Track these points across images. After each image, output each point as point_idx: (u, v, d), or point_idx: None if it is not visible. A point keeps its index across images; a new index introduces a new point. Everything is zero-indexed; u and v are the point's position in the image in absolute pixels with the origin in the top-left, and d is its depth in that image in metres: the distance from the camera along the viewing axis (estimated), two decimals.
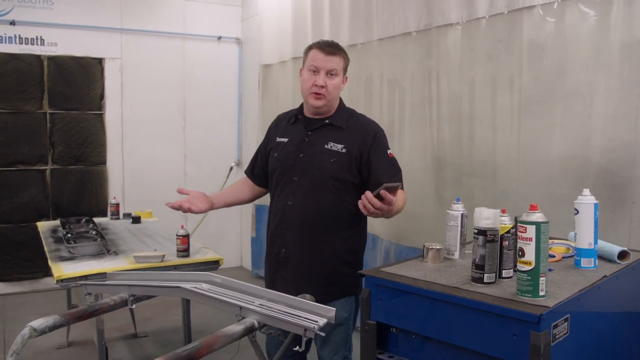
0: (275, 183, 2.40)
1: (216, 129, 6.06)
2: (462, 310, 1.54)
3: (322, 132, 2.31)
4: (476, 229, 1.63)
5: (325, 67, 2.23)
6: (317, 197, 2.26)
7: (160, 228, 3.83)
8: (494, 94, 3.13)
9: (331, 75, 2.23)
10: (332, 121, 2.31)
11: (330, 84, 2.23)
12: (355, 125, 2.32)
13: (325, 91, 2.23)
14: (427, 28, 3.55)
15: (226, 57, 6.05)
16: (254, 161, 2.58)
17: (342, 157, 2.25)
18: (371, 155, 2.26)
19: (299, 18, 4.96)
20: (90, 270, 2.72)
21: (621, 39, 2.53)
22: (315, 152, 2.28)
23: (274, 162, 2.39)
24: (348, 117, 2.35)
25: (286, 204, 2.32)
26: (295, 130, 2.37)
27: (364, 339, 1.78)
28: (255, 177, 2.57)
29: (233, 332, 1.79)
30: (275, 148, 2.41)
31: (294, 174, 2.31)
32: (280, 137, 2.41)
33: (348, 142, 2.27)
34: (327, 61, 2.23)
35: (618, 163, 2.56)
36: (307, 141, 2.31)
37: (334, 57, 2.25)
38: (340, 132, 2.30)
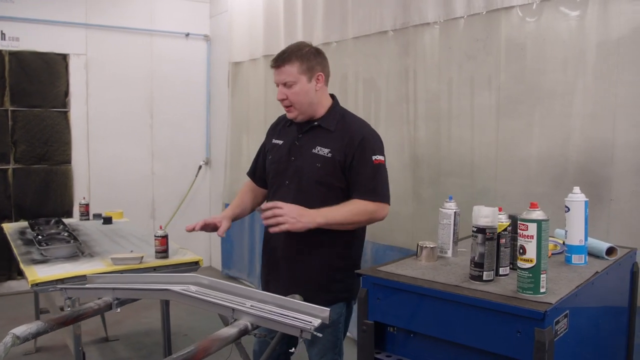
0: (270, 185, 2.41)
1: (184, 127, 5.95)
2: (463, 308, 1.55)
3: (311, 136, 2.29)
4: (475, 227, 1.64)
5: (279, 80, 2.24)
6: (305, 202, 2.21)
7: (133, 229, 3.73)
8: (472, 93, 3.17)
9: (288, 86, 2.21)
10: (321, 123, 2.29)
11: (290, 93, 2.21)
12: (343, 129, 2.28)
13: (289, 102, 2.23)
14: (404, 27, 3.56)
15: (194, 54, 5.95)
16: (255, 162, 2.56)
17: (328, 161, 2.23)
18: (354, 161, 2.22)
19: (270, 15, 4.92)
20: (66, 274, 2.63)
21: (598, 39, 2.59)
22: (304, 156, 2.27)
23: (270, 164, 2.40)
24: (339, 120, 2.31)
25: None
26: (290, 133, 2.36)
27: (361, 339, 1.76)
28: (257, 179, 2.55)
29: (228, 334, 1.76)
30: (271, 150, 2.41)
31: (285, 178, 2.31)
32: (276, 139, 2.41)
33: (334, 146, 2.24)
34: (277, 74, 2.24)
35: (596, 162, 2.62)
36: (297, 144, 2.30)
37: (282, 68, 2.22)
38: (328, 135, 2.27)
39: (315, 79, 2.25)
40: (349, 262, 2.35)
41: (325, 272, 2.29)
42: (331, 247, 2.29)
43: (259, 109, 5.15)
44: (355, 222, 2.23)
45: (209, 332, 4.45)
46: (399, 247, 3.72)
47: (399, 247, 3.71)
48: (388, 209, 2.30)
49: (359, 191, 2.21)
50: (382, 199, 2.26)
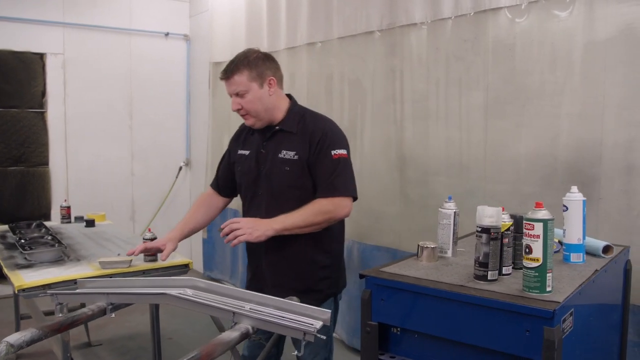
0: (243, 197, 2.41)
1: (164, 127, 5.88)
2: (470, 308, 1.55)
3: (276, 141, 2.30)
4: (479, 227, 1.65)
5: (230, 92, 2.27)
6: (279, 207, 2.22)
7: (117, 231, 3.67)
8: (460, 94, 3.19)
9: (240, 95, 2.24)
10: (283, 127, 2.29)
11: (244, 102, 2.23)
12: (304, 128, 2.29)
13: (244, 111, 2.25)
14: (390, 27, 3.57)
15: (174, 54, 5.88)
16: (218, 172, 2.56)
17: (296, 164, 2.24)
18: (315, 157, 2.24)
19: (253, 15, 4.88)
20: (54, 279, 2.56)
21: (586, 40, 2.62)
22: (272, 162, 2.28)
23: (240, 176, 2.39)
24: (299, 120, 2.31)
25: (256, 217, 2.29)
26: (254, 141, 2.37)
27: (365, 340, 1.76)
28: (222, 189, 2.54)
29: (230, 338, 1.73)
30: (238, 161, 2.40)
31: (257, 187, 2.31)
32: (241, 149, 2.40)
33: (299, 147, 2.25)
34: (228, 86, 2.27)
35: (585, 161, 2.66)
36: (263, 152, 2.31)
37: (231, 79, 2.24)
38: (291, 137, 2.28)
39: (267, 84, 2.25)
40: (332, 258, 2.38)
41: (311, 271, 2.31)
42: (314, 245, 2.30)
43: None
44: (315, 223, 2.19)
45: (194, 335, 4.44)
46: (386, 248, 3.72)
47: (386, 248, 3.72)
48: (351, 204, 2.28)
49: (320, 189, 2.23)
50: (343, 193, 2.23)
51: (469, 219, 3.15)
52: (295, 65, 4.41)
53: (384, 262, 3.67)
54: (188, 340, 4.05)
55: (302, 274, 2.30)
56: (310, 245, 2.29)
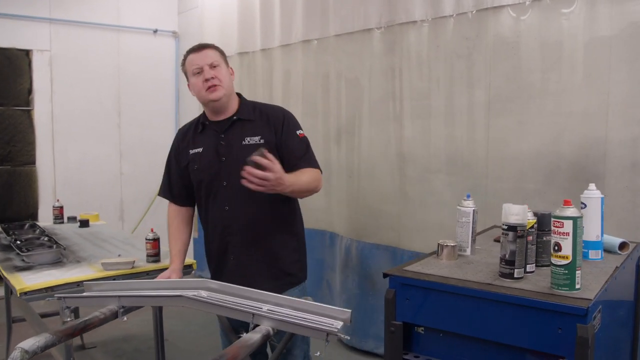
0: (205, 194, 2.32)
1: (153, 125, 5.79)
2: (500, 306, 1.55)
3: (235, 130, 2.26)
4: (506, 225, 1.64)
5: (204, 62, 2.23)
6: (251, 196, 2.16)
7: (113, 232, 3.61)
8: (461, 92, 3.19)
9: (214, 67, 2.23)
10: (240, 116, 2.28)
11: (218, 73, 2.22)
12: (263, 114, 2.30)
13: (218, 80, 2.21)
14: (389, 25, 3.56)
15: (163, 51, 5.80)
16: (169, 183, 2.46)
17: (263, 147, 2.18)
18: (284, 136, 2.25)
19: (245, 11, 4.83)
20: (56, 281, 2.50)
21: (590, 38, 2.65)
22: (235, 151, 2.23)
23: (198, 173, 2.31)
24: (253, 109, 2.32)
25: (223, 211, 2.27)
26: (207, 137, 2.31)
27: (389, 340, 1.74)
28: (177, 198, 2.46)
29: (253, 341, 1.71)
30: (192, 160, 2.32)
31: (221, 180, 2.26)
32: (192, 148, 2.33)
33: (262, 131, 2.25)
34: (203, 56, 2.25)
35: (589, 158, 2.68)
36: (223, 144, 2.26)
37: (207, 50, 2.27)
38: (251, 124, 2.26)
39: (230, 70, 2.31)
40: (299, 241, 2.39)
41: (283, 254, 2.31)
42: (283, 228, 2.31)
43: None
44: (311, 189, 2.23)
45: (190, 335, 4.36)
46: (385, 246, 3.72)
47: (385, 246, 3.72)
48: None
49: (301, 161, 2.23)
50: (318, 167, 2.30)
51: None
52: (290, 63, 4.38)
53: (383, 260, 3.71)
54: (185, 341, 3.99)
55: (276, 260, 2.29)
56: (281, 229, 2.31)
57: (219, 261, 2.35)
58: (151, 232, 2.84)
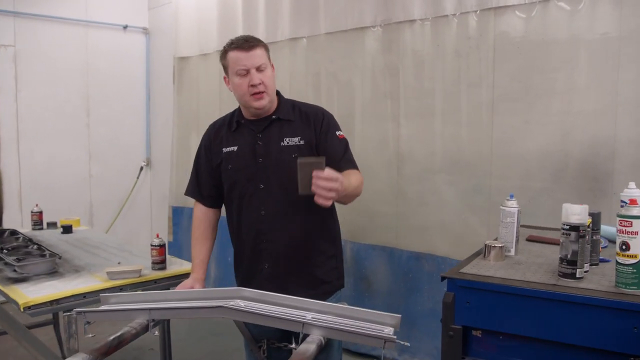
0: (238, 196, 2.19)
1: (123, 125, 5.56)
2: (568, 307, 1.53)
3: (273, 130, 2.15)
4: (567, 225, 1.62)
5: (252, 64, 2.06)
6: (289, 200, 2.10)
7: (101, 237, 3.42)
8: (463, 91, 3.19)
9: (261, 70, 2.07)
10: (280, 115, 2.16)
11: (265, 77, 2.08)
12: (303, 114, 2.18)
13: (264, 87, 2.07)
14: (386, 23, 3.52)
15: (133, 48, 5.57)
16: (198, 183, 2.32)
17: (302, 149, 2.12)
18: (322, 136, 2.14)
19: (226, 7, 4.69)
20: (61, 293, 2.33)
21: (598, 39, 2.69)
22: (273, 152, 2.12)
23: (232, 174, 2.19)
24: (293, 108, 2.21)
25: (259, 215, 2.15)
26: (242, 136, 2.18)
27: (447, 345, 1.70)
28: (206, 199, 2.31)
29: (310, 352, 1.63)
30: (226, 159, 2.20)
31: (258, 182, 2.14)
32: (226, 147, 2.20)
33: (302, 132, 2.14)
34: (251, 58, 2.06)
35: (599, 156, 2.73)
36: (260, 144, 2.14)
37: (256, 50, 2.08)
38: (291, 124, 2.15)
39: (272, 69, 2.16)
40: (337, 247, 2.31)
41: (320, 260, 2.21)
42: (321, 238, 2.21)
43: (211, 106, 4.90)
44: (358, 193, 2.11)
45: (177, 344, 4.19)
46: (381, 246, 3.69)
47: (382, 246, 3.69)
48: None
49: (342, 162, 2.11)
50: (359, 170, 2.20)
51: (475, 215, 3.20)
52: (276, 62, 4.23)
53: (380, 261, 3.68)
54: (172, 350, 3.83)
55: (314, 268, 2.19)
56: (321, 236, 2.21)
57: (250, 268, 2.21)
58: (157, 237, 2.70)
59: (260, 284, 2.15)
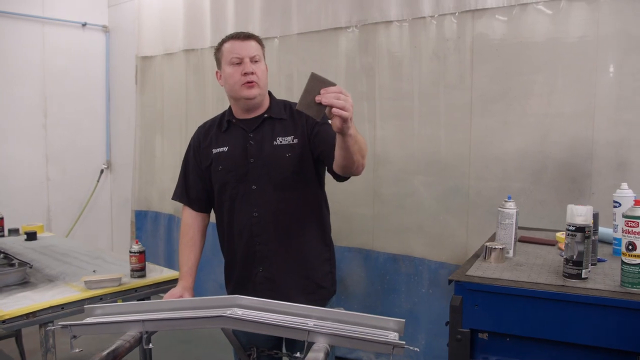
0: (229, 198, 2.13)
1: (83, 126, 5.34)
2: (576, 307, 1.55)
3: (265, 129, 2.09)
4: (573, 226, 1.64)
5: (247, 54, 2.03)
6: (284, 201, 2.06)
7: (70, 244, 3.27)
8: (441, 92, 3.20)
9: (255, 61, 2.05)
10: (272, 114, 2.11)
11: (258, 69, 2.05)
12: (295, 113, 2.11)
13: (256, 77, 2.03)
14: (362, 24, 3.50)
15: (92, 46, 5.35)
16: (186, 186, 2.24)
17: (297, 147, 2.06)
18: (316, 128, 2.05)
19: (193, 5, 4.56)
20: (37, 305, 2.21)
21: (575, 42, 2.74)
22: (266, 152, 2.07)
23: (222, 175, 2.12)
24: (284, 107, 2.17)
25: (252, 217, 2.09)
26: (233, 136, 2.13)
27: (454, 348, 1.69)
28: (195, 203, 2.23)
29: None
30: (216, 160, 2.13)
31: (250, 182, 2.08)
32: (216, 147, 2.15)
33: (295, 131, 2.08)
34: (247, 47, 2.04)
35: (577, 158, 2.78)
36: (252, 144, 2.08)
37: (251, 41, 2.07)
38: (283, 123, 2.10)
39: (266, 66, 2.14)
40: (331, 249, 2.25)
41: (317, 264, 2.16)
42: (314, 240, 2.15)
43: (177, 106, 4.78)
44: (364, 152, 1.90)
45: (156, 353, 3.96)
46: (357, 249, 3.66)
47: (358, 249, 3.66)
48: None
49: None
50: None
51: (454, 216, 3.22)
52: None
53: (356, 263, 3.66)
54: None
55: (309, 272, 2.13)
56: (315, 237, 2.15)
57: (243, 273, 2.14)
58: (136, 244, 2.59)
59: (255, 289, 2.10)
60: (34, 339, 3.41)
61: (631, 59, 2.61)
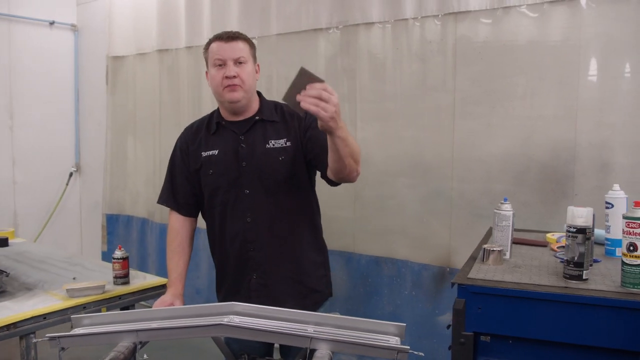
0: (221, 202, 2.08)
1: (51, 128, 5.17)
2: (579, 308, 1.55)
3: (257, 132, 2.06)
4: (574, 227, 1.65)
5: (231, 55, 1.98)
6: (277, 205, 2.04)
7: (45, 250, 3.15)
8: (424, 94, 3.20)
9: (240, 63, 1.99)
10: (263, 116, 2.07)
11: (242, 72, 1.99)
12: (284, 115, 2.08)
13: (239, 80, 1.98)
14: (342, 25, 3.48)
15: (60, 46, 5.19)
16: (173, 190, 2.19)
17: (289, 150, 2.03)
18: (309, 132, 2.02)
19: (167, 4, 4.47)
20: (18, 315, 2.11)
21: (558, 45, 2.77)
22: (258, 155, 2.03)
23: (214, 179, 2.08)
24: (275, 108, 2.12)
25: (245, 223, 2.05)
26: (223, 138, 2.09)
27: (458, 352, 1.68)
28: (182, 207, 2.18)
29: None
30: (206, 164, 2.09)
31: (243, 187, 2.04)
32: (205, 150, 2.10)
33: (288, 134, 2.05)
34: (230, 50, 1.98)
35: (560, 159, 2.81)
36: (244, 147, 2.05)
37: (237, 43, 2.00)
38: (275, 126, 2.06)
39: (256, 67, 2.10)
40: (324, 253, 2.24)
41: (311, 269, 2.14)
42: (308, 245, 2.13)
43: (150, 108, 4.67)
44: (357, 158, 1.91)
45: None
46: (339, 251, 3.64)
47: (339, 251, 3.64)
48: None
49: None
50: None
51: (436, 218, 3.23)
52: None
53: (338, 266, 3.64)
54: None
55: (303, 278, 2.11)
56: (308, 243, 2.13)
57: (236, 280, 2.09)
58: (119, 249, 2.51)
59: (249, 295, 2.05)
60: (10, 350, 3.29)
61: (613, 62, 2.66)
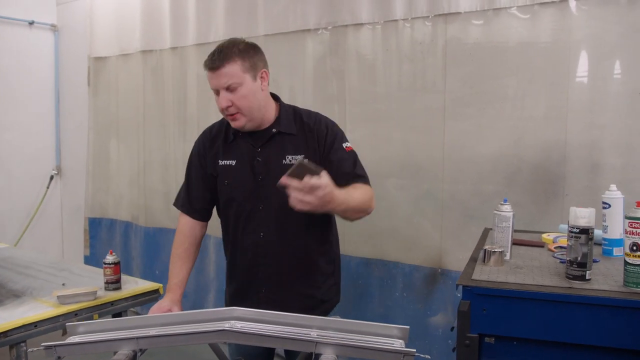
0: (235, 214, 2.04)
1: (30, 130, 5.07)
2: (583, 308, 1.55)
3: (274, 145, 2.00)
4: (577, 228, 1.65)
5: (219, 85, 1.90)
6: (291, 222, 1.97)
7: (29, 255, 3.07)
8: (414, 95, 3.20)
9: (231, 90, 1.89)
10: (280, 129, 2.00)
11: (237, 98, 1.89)
12: (305, 125, 2.02)
13: (235, 109, 1.91)
14: (331, 26, 3.47)
15: (40, 46, 5.09)
16: (188, 194, 2.15)
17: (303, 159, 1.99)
18: (327, 151, 1.98)
19: (151, 4, 4.40)
20: (9, 324, 2.05)
21: (549, 46, 2.79)
22: (274, 171, 1.94)
23: (229, 191, 2.04)
24: (294, 117, 2.06)
25: (258, 238, 2.01)
26: (239, 149, 2.03)
27: (462, 354, 1.67)
28: (196, 212, 2.14)
29: None
30: (223, 174, 2.05)
31: (257, 203, 1.99)
32: (223, 159, 2.05)
33: (306, 149, 1.98)
34: (216, 78, 1.89)
35: (551, 160, 2.84)
36: (259, 160, 1.99)
37: (221, 69, 1.88)
38: (293, 139, 2.00)
39: (260, 77, 1.96)
40: (336, 263, 2.20)
41: (321, 282, 2.10)
42: (321, 258, 2.09)
43: (134, 109, 4.61)
44: (365, 208, 1.93)
45: None
46: None
47: None
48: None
49: (350, 177, 1.95)
50: (370, 185, 2.04)
51: (427, 219, 3.23)
52: None
53: None
54: None
55: (313, 290, 2.07)
56: (321, 256, 2.08)
57: (243, 288, 2.07)
58: (110, 254, 2.45)
59: (254, 305, 2.02)
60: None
61: (602, 63, 2.68)
